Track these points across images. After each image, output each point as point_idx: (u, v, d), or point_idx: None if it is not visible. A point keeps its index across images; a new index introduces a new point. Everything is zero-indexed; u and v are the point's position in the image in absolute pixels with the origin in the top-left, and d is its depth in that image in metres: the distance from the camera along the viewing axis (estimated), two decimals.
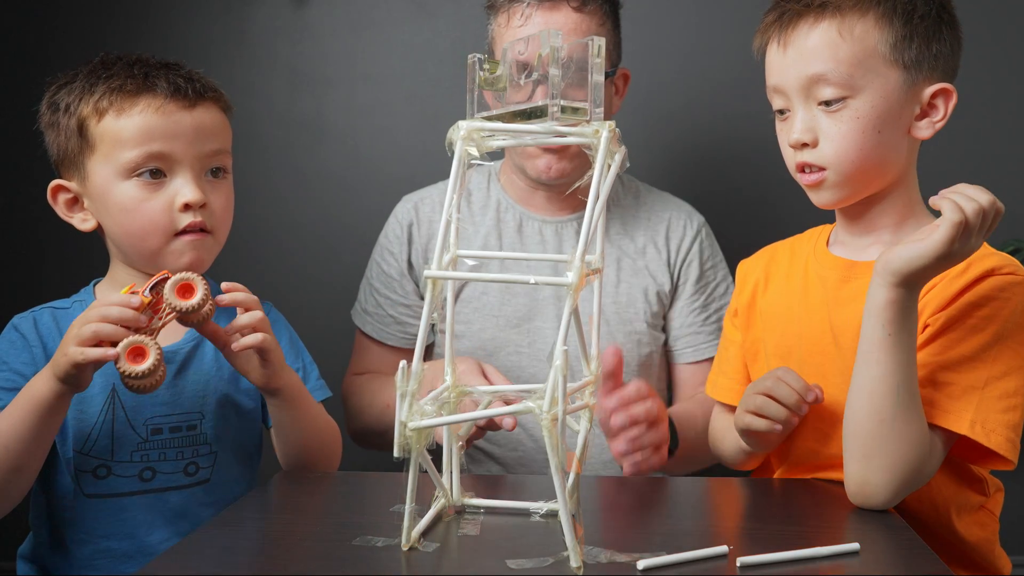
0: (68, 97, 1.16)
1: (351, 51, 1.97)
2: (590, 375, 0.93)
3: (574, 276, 0.83)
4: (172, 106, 1.14)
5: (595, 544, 0.89)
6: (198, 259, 1.16)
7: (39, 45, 1.97)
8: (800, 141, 1.12)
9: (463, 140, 0.88)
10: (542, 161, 1.49)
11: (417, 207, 1.63)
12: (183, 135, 1.14)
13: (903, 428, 1.00)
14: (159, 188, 1.14)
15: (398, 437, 0.86)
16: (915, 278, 0.99)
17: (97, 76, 1.15)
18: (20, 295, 2.01)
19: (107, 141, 1.13)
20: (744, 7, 1.87)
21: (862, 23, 1.10)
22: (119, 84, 1.14)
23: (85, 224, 1.19)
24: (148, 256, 1.16)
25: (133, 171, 1.13)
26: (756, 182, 1.90)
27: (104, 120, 1.13)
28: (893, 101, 1.11)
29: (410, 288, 1.62)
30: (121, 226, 1.15)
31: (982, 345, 1.05)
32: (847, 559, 0.88)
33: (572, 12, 1.45)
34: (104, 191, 1.15)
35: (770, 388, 1.12)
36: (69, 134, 1.16)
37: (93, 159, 1.15)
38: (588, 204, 0.85)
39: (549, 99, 0.85)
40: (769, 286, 1.28)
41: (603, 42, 0.86)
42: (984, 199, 0.97)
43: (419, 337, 0.88)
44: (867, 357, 1.01)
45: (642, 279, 1.58)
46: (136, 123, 1.13)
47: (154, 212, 1.14)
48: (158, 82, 1.14)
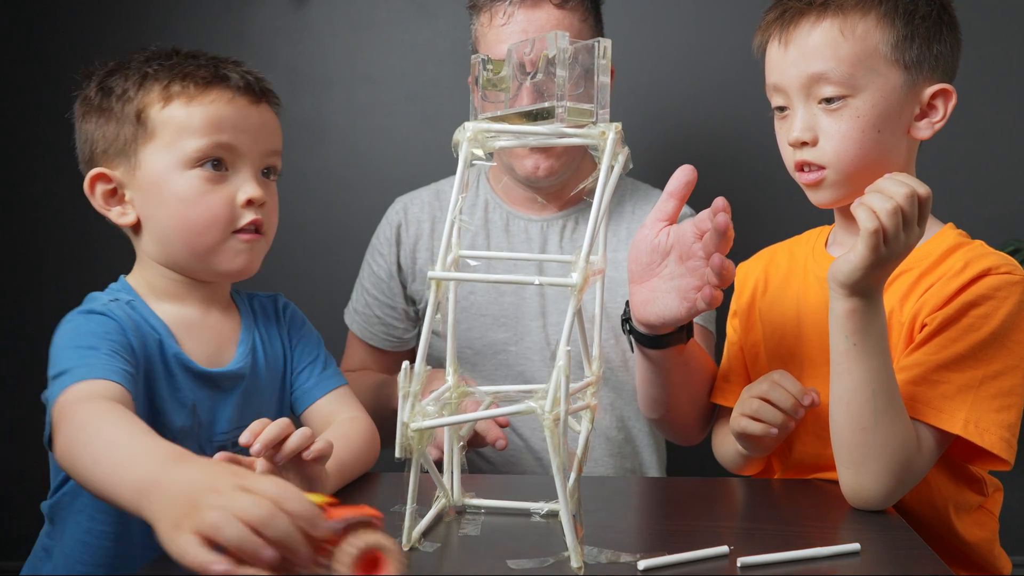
0: (124, 83, 1.11)
1: (351, 51, 1.97)
2: (591, 375, 0.93)
3: (578, 277, 0.83)
4: (242, 100, 1.11)
5: (596, 544, 0.89)
6: (251, 262, 1.13)
7: (39, 45, 1.98)
8: (800, 140, 1.12)
9: (469, 141, 0.88)
10: (530, 161, 1.49)
11: (406, 208, 1.64)
12: (250, 130, 1.12)
13: (886, 433, 1.00)
14: (221, 181, 1.10)
15: (400, 438, 0.86)
16: (862, 287, 0.98)
17: (159, 64, 1.11)
18: (20, 295, 2.01)
19: (171, 129, 1.09)
20: (742, 5, 1.88)
21: (864, 22, 1.10)
22: (190, 72, 1.10)
23: (123, 218, 1.12)
24: (202, 253, 1.11)
25: (197, 161, 1.09)
26: (753, 182, 1.90)
27: (170, 107, 1.09)
28: (893, 101, 1.11)
29: (397, 290, 1.63)
30: (178, 218, 1.09)
31: (977, 344, 1.05)
32: (847, 559, 0.88)
33: (554, 9, 1.45)
34: (160, 181, 1.09)
35: (766, 392, 1.11)
36: (122, 120, 1.10)
37: (150, 147, 1.10)
38: (593, 206, 0.85)
39: (555, 100, 0.85)
40: (768, 288, 1.28)
41: (608, 43, 0.86)
42: (900, 194, 0.95)
43: (422, 337, 0.88)
44: (839, 369, 1.02)
45: (624, 274, 1.57)
46: (207, 112, 1.09)
47: (216, 205, 1.09)
48: (230, 74, 1.11)
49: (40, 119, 1.99)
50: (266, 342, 1.20)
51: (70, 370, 0.96)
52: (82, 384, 0.94)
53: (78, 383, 0.94)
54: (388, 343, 1.64)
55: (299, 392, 1.22)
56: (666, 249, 1.11)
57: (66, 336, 1.02)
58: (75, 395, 0.93)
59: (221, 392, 1.13)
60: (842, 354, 1.01)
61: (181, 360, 1.09)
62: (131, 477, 0.79)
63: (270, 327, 1.21)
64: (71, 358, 0.98)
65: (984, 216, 1.80)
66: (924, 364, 1.06)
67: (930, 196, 0.97)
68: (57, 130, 1.98)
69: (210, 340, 1.14)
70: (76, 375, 0.95)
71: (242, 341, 1.17)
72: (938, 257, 1.12)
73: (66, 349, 1.00)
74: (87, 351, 0.99)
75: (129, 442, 0.84)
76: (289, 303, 1.27)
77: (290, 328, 1.24)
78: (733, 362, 1.30)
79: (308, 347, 1.24)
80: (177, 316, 1.12)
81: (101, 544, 1.06)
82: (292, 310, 1.26)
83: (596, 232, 0.85)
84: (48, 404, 0.97)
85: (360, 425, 1.19)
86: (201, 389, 1.11)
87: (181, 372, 1.09)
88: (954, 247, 1.12)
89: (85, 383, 0.95)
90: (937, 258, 1.12)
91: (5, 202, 2.00)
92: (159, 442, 0.84)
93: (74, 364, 0.97)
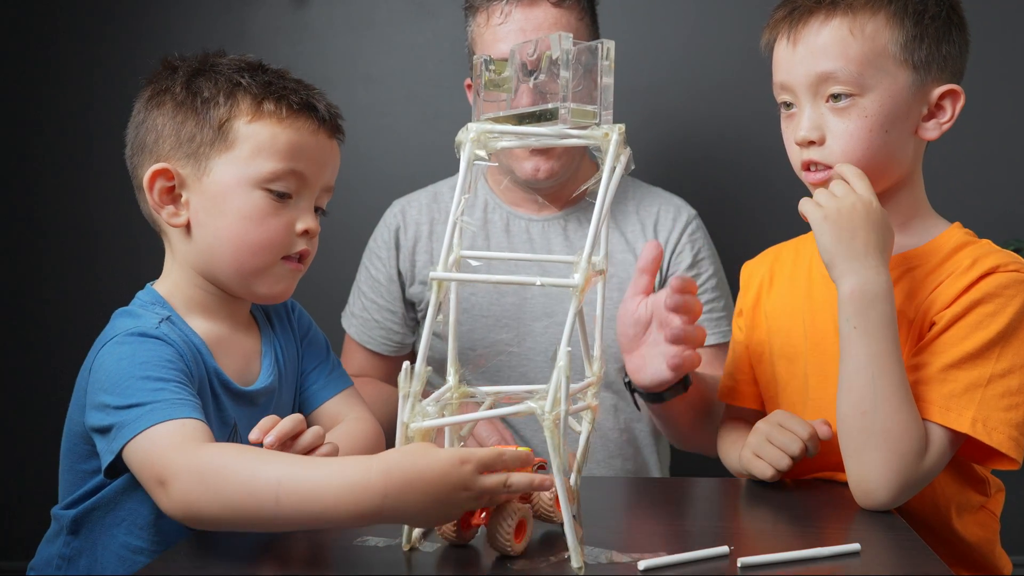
0: (213, 87, 1.10)
1: (351, 51, 1.97)
2: (592, 376, 0.93)
3: (580, 278, 0.83)
4: (323, 132, 1.12)
5: (596, 544, 0.89)
6: (289, 289, 1.13)
7: (39, 45, 1.97)
8: (807, 139, 1.12)
9: (472, 142, 0.88)
10: (530, 164, 1.49)
11: (404, 211, 1.63)
12: (321, 163, 1.12)
13: (887, 419, 1.01)
14: (283, 207, 1.09)
15: (400, 439, 0.86)
16: (850, 269, 1.04)
17: (250, 77, 1.10)
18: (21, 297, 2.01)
19: (251, 144, 1.08)
20: (740, 5, 1.88)
21: (873, 22, 1.10)
22: (284, 93, 1.10)
23: (175, 219, 1.10)
24: (247, 272, 1.09)
25: (267, 182, 1.08)
26: (756, 181, 1.90)
27: (258, 123, 1.08)
28: (901, 101, 1.10)
29: (396, 294, 1.62)
30: (236, 233, 1.08)
31: (985, 342, 1.05)
32: (848, 559, 0.88)
33: (551, 8, 1.45)
34: (225, 192, 1.08)
35: (771, 435, 1.12)
36: (203, 123, 1.09)
37: (224, 157, 1.08)
38: (596, 206, 0.85)
39: (560, 102, 0.85)
40: (773, 287, 1.28)
41: (612, 44, 0.86)
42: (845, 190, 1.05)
43: (423, 337, 0.88)
44: (843, 355, 1.05)
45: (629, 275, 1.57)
46: (292, 137, 1.09)
47: (276, 229, 1.09)
48: (317, 105, 1.12)
49: (40, 119, 1.99)
50: (285, 350, 1.19)
51: (146, 405, 0.95)
52: (170, 425, 0.93)
53: (164, 423, 0.93)
54: (387, 347, 1.64)
55: (308, 394, 1.22)
56: (646, 320, 1.23)
57: (125, 363, 0.99)
58: (174, 438, 0.92)
59: (256, 409, 1.12)
60: (844, 339, 1.04)
61: (222, 379, 1.08)
62: (349, 511, 0.83)
63: (285, 333, 1.21)
64: (143, 391, 0.96)
65: (988, 215, 1.80)
66: (931, 363, 1.06)
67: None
68: (57, 130, 1.99)
69: (240, 356, 1.13)
70: (158, 413, 0.94)
71: (265, 354, 1.16)
72: (945, 255, 1.12)
73: (133, 379, 0.97)
74: (158, 383, 0.97)
75: (311, 474, 0.85)
76: (296, 303, 1.26)
77: (300, 329, 1.24)
78: (739, 361, 1.30)
79: (316, 349, 1.24)
80: (211, 333, 1.10)
81: (139, 560, 1.05)
82: (299, 311, 1.26)
83: (598, 233, 0.85)
84: (118, 433, 0.95)
85: (366, 426, 1.20)
86: (240, 407, 1.10)
87: (223, 391, 1.08)
88: (961, 245, 1.12)
89: (173, 423, 0.93)
90: (944, 256, 1.12)
91: (5, 202, 2.00)
92: (341, 468, 0.85)
93: (149, 398, 0.95)
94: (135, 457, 0.94)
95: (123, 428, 0.95)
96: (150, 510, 1.03)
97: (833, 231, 1.05)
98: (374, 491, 0.82)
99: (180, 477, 0.89)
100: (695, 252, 1.59)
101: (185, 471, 0.89)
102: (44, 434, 1.40)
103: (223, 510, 0.87)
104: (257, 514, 0.86)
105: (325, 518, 0.84)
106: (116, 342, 1.02)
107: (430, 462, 0.82)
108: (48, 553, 1.10)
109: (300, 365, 1.22)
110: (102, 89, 1.96)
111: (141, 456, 0.93)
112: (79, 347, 1.10)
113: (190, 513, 0.89)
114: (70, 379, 1.08)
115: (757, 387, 1.28)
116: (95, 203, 1.97)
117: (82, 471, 1.07)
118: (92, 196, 1.98)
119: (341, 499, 0.83)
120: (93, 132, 1.97)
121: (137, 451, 0.93)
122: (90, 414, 1.00)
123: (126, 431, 0.94)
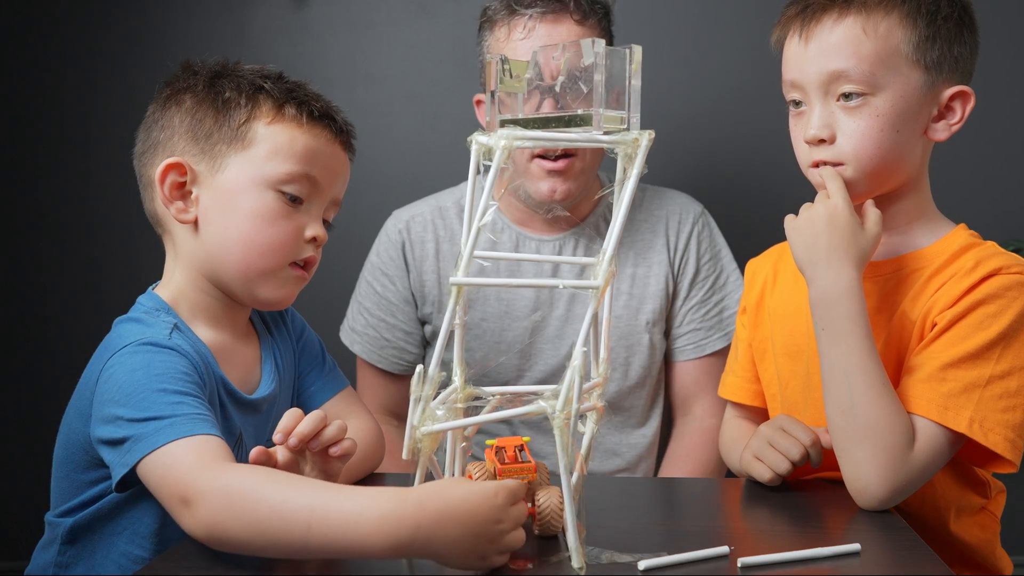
0: (235, 88, 1.10)
1: (351, 51, 1.97)
2: (598, 377, 0.93)
3: (601, 279, 0.83)
4: (339, 144, 1.14)
5: (596, 544, 0.89)
6: (291, 295, 1.13)
7: (39, 45, 1.97)
8: (817, 137, 1.11)
9: (504, 149, 0.86)
10: (546, 184, 1.47)
11: (409, 227, 1.60)
12: (334, 173, 1.13)
13: (866, 415, 1.01)
14: (294, 212, 1.10)
15: (408, 440, 0.87)
16: (812, 274, 1.07)
17: (272, 83, 1.11)
18: (21, 298, 2.01)
19: (269, 145, 1.08)
20: (747, 4, 1.88)
21: (886, 21, 1.09)
22: (306, 100, 1.11)
23: (184, 215, 1.09)
24: (253, 274, 1.09)
25: (281, 183, 1.08)
26: (761, 179, 1.90)
27: (278, 125, 1.09)
28: (912, 101, 1.10)
29: (410, 314, 1.60)
30: (245, 233, 1.08)
31: (986, 343, 1.05)
32: (848, 560, 0.88)
33: (575, 25, 1.46)
34: (237, 191, 1.08)
35: (772, 439, 1.12)
36: (222, 121, 1.09)
37: (241, 156, 1.08)
38: (616, 209, 0.86)
39: (594, 107, 0.85)
40: (777, 284, 1.28)
41: (639, 49, 0.86)
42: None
43: (439, 341, 0.88)
44: (820, 358, 1.07)
45: (648, 276, 1.58)
46: (310, 142, 1.10)
47: (286, 232, 1.09)
48: (335, 116, 1.14)
49: (40, 119, 1.99)
50: (283, 355, 1.19)
51: (165, 419, 0.93)
52: (191, 441, 0.92)
53: (184, 439, 0.92)
54: (399, 367, 1.61)
55: (307, 395, 1.22)
56: None
57: (140, 374, 0.97)
58: (199, 456, 0.90)
59: (260, 416, 1.13)
60: (817, 341, 1.07)
61: (228, 388, 1.08)
62: (381, 542, 0.82)
63: (282, 337, 1.21)
64: (160, 404, 0.94)
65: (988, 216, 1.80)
66: (931, 362, 1.06)
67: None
68: (57, 130, 1.99)
69: (242, 364, 1.13)
70: (178, 428, 0.92)
71: (265, 360, 1.17)
72: (949, 257, 1.12)
73: (149, 392, 0.96)
74: (175, 397, 0.96)
75: (344, 503, 0.84)
76: (299, 316, 1.27)
77: (295, 331, 1.24)
78: (741, 357, 1.31)
79: (312, 350, 1.25)
80: (216, 341, 1.10)
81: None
82: (292, 312, 1.25)
83: (620, 236, 0.86)
84: (134, 447, 0.93)
85: (368, 425, 1.20)
86: (245, 416, 1.10)
87: (229, 401, 1.08)
88: (966, 247, 1.12)
89: (194, 440, 0.92)
90: (948, 258, 1.12)
91: (6, 202, 2.00)
92: (375, 497, 0.84)
93: (168, 412, 0.94)
94: (154, 472, 0.92)
95: (139, 441, 0.93)
96: (154, 519, 1.03)
97: (799, 239, 1.10)
98: (408, 523, 0.81)
99: (206, 498, 0.87)
100: (700, 252, 1.60)
101: (211, 492, 0.87)
102: (43, 436, 1.40)
103: (251, 534, 0.85)
104: (286, 540, 0.84)
105: (355, 547, 0.83)
106: (127, 352, 1.00)
107: (465, 495, 0.83)
108: (43, 560, 1.09)
109: (297, 368, 1.22)
110: (102, 89, 1.96)
111: (161, 472, 0.91)
112: (78, 349, 1.10)
113: (215, 535, 0.87)
114: (68, 382, 1.07)
115: (759, 384, 1.29)
116: (95, 204, 1.97)
117: (80, 480, 1.05)
118: (92, 197, 1.98)
119: (373, 529, 0.82)
120: (93, 132, 1.97)
121: (156, 466, 0.92)
122: (98, 426, 0.98)
123: (142, 445, 0.92)
